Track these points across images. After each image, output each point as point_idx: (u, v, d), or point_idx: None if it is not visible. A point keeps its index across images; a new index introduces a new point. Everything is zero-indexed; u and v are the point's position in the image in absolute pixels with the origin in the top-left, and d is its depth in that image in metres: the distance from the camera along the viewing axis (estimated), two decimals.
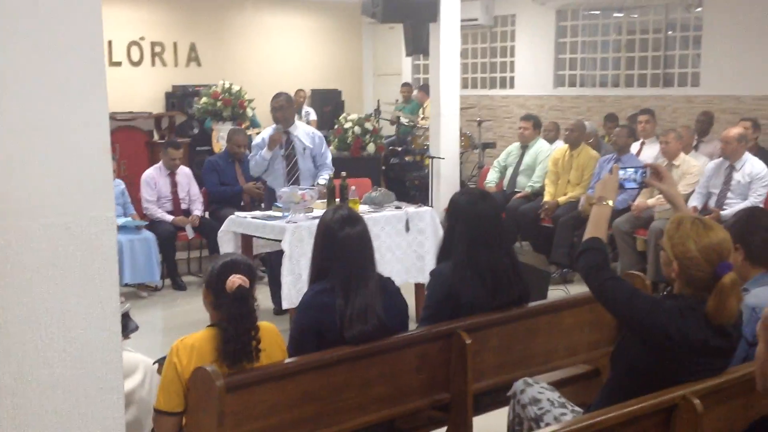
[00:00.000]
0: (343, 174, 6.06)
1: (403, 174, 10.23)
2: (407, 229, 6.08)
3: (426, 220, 6.20)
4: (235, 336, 2.93)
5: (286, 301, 5.51)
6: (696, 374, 2.72)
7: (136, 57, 11.60)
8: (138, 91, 11.29)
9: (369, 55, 14.14)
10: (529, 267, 5.71)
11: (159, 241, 7.19)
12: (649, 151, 8.10)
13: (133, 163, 8.68)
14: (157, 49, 11.78)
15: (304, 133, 6.71)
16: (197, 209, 7.61)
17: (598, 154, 8.09)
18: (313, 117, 11.87)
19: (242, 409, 2.86)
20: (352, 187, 5.99)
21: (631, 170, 3.29)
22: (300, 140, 6.63)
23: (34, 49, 2.16)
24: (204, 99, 10.02)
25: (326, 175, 6.43)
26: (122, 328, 2.55)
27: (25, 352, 2.21)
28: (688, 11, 10.23)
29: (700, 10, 10.02)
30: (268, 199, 6.81)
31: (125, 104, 10.07)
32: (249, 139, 7.90)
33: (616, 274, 2.91)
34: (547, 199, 7.99)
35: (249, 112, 10.14)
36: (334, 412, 3.11)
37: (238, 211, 6.46)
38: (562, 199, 7.88)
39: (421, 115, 11.06)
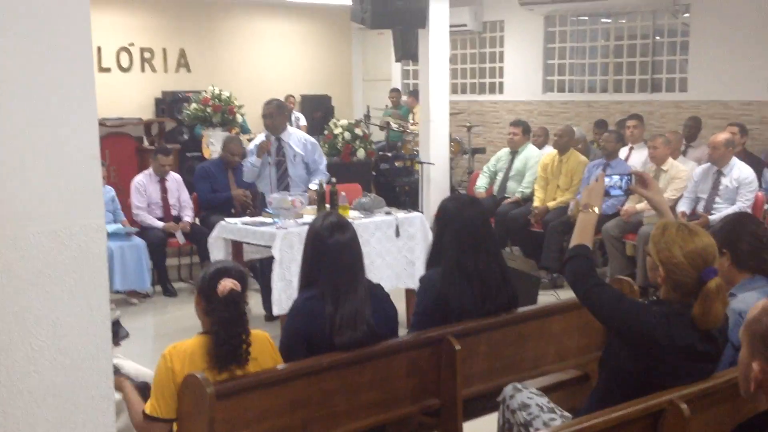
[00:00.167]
0: (333, 180, 6.06)
1: (393, 179, 10.25)
2: (397, 234, 6.09)
3: (416, 225, 6.22)
4: (226, 339, 2.94)
5: (277, 307, 5.51)
6: (683, 379, 2.74)
7: (125, 63, 11.58)
8: (128, 97, 11.27)
9: (358, 61, 14.17)
10: (519, 272, 5.73)
11: (149, 247, 7.17)
12: (637, 156, 8.14)
13: (122, 170, 8.67)
14: (147, 55, 11.77)
15: (296, 140, 6.71)
16: (187, 215, 7.61)
17: (587, 159, 8.13)
18: (303, 122, 11.88)
19: (233, 416, 2.87)
20: (342, 193, 6.00)
21: (616, 177, 3.32)
22: (291, 147, 6.64)
23: (21, 56, 2.16)
24: (194, 105, 10.02)
25: (317, 181, 6.44)
26: (113, 336, 2.55)
27: (16, 361, 2.20)
28: (675, 17, 10.29)
29: (687, 16, 10.09)
30: (259, 205, 6.81)
31: (115, 110, 10.06)
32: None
33: (602, 280, 2.93)
34: (536, 204, 8.02)
35: (239, 118, 10.15)
36: (325, 419, 3.12)
37: (228, 217, 6.45)
38: (551, 204, 7.91)
39: (411, 120, 11.09)
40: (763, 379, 1.89)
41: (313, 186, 6.38)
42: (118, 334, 3.58)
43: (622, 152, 8.13)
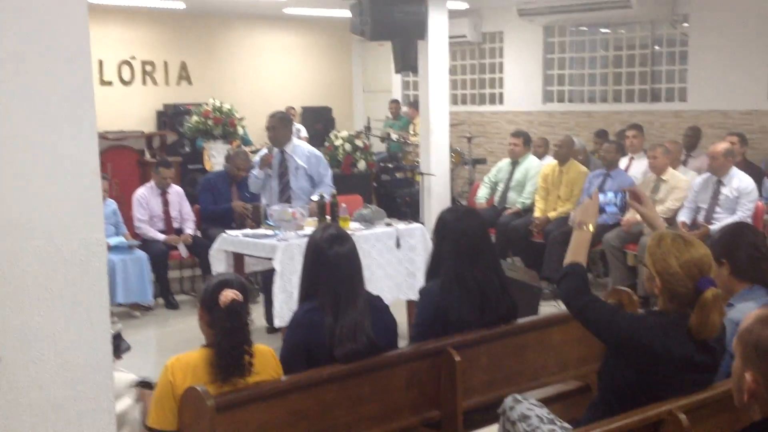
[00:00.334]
0: (334, 191, 6.08)
1: (393, 190, 10.26)
2: (398, 245, 6.10)
3: (417, 236, 6.23)
4: (228, 350, 2.95)
5: (279, 319, 5.52)
6: (681, 390, 2.74)
7: (127, 76, 11.64)
8: (129, 110, 11.31)
9: (358, 72, 14.22)
10: (520, 283, 5.73)
11: (151, 260, 7.19)
12: (637, 166, 8.15)
13: (124, 183, 8.67)
14: (148, 68, 11.83)
15: (301, 153, 6.68)
16: (189, 228, 7.63)
17: (587, 169, 8.14)
18: (304, 134, 11.90)
19: (233, 429, 2.88)
20: (343, 205, 6.02)
21: (611, 194, 3.34)
22: (294, 159, 6.64)
23: (21, 69, 2.17)
24: (195, 118, 10.04)
25: (318, 194, 6.44)
26: (114, 349, 2.56)
27: (17, 375, 2.21)
28: (674, 27, 10.32)
29: (686, 26, 10.12)
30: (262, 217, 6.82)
31: (117, 123, 10.09)
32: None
33: (596, 296, 2.94)
34: (537, 214, 8.03)
35: (240, 131, 10.17)
36: (325, 431, 3.12)
37: (228, 229, 6.46)
38: (552, 215, 7.92)
39: (412, 131, 11.11)
40: (757, 390, 1.89)
41: (315, 198, 6.39)
42: (119, 347, 3.58)
43: (623, 162, 8.15)
